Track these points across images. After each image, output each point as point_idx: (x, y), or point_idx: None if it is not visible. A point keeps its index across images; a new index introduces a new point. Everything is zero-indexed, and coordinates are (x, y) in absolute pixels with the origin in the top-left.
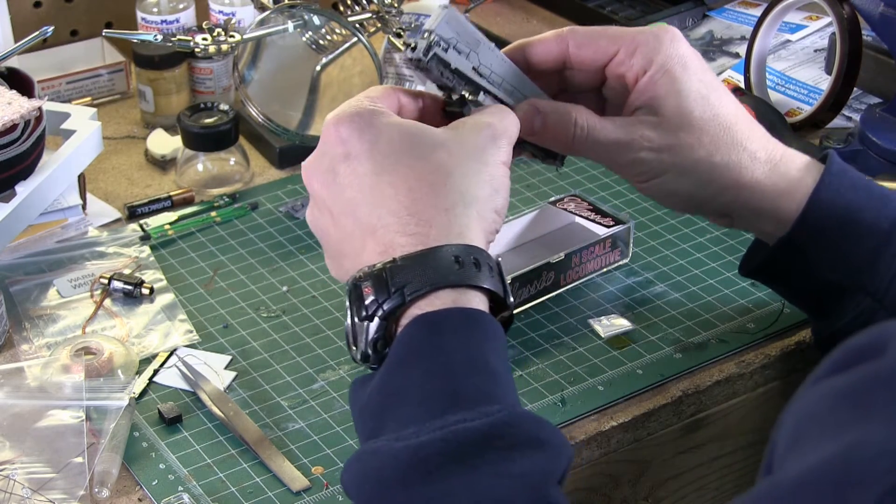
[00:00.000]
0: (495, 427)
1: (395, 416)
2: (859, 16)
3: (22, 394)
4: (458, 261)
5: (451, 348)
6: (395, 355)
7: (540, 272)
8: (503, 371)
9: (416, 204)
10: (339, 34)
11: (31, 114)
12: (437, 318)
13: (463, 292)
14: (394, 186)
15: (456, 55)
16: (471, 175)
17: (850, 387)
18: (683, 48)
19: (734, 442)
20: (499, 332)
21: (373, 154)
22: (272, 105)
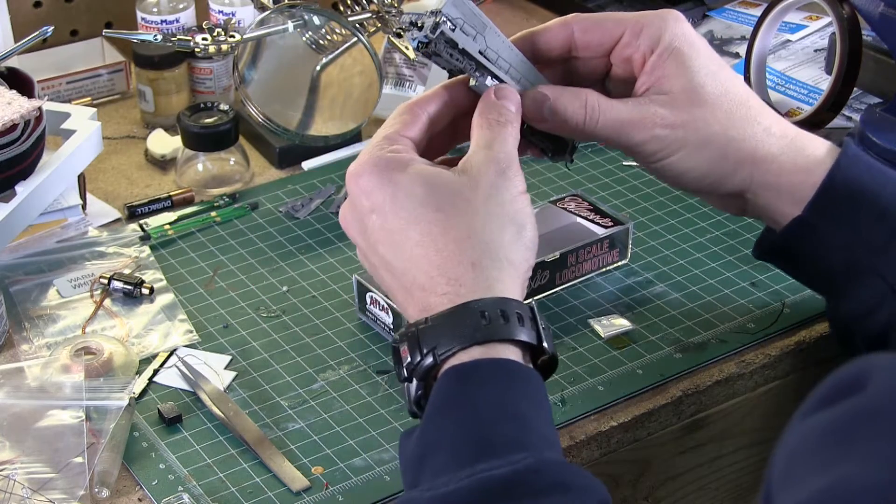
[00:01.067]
0: (520, 474)
1: (430, 467)
2: (859, 16)
3: (22, 394)
4: (485, 316)
5: (479, 397)
6: (431, 407)
7: (534, 271)
8: (536, 416)
9: (445, 262)
10: (339, 34)
11: (31, 114)
12: (466, 368)
13: (492, 347)
14: (421, 246)
15: (463, 36)
16: (492, 220)
17: (833, 423)
18: (688, 28)
19: (734, 442)
20: (532, 379)
21: (395, 209)
22: (272, 105)
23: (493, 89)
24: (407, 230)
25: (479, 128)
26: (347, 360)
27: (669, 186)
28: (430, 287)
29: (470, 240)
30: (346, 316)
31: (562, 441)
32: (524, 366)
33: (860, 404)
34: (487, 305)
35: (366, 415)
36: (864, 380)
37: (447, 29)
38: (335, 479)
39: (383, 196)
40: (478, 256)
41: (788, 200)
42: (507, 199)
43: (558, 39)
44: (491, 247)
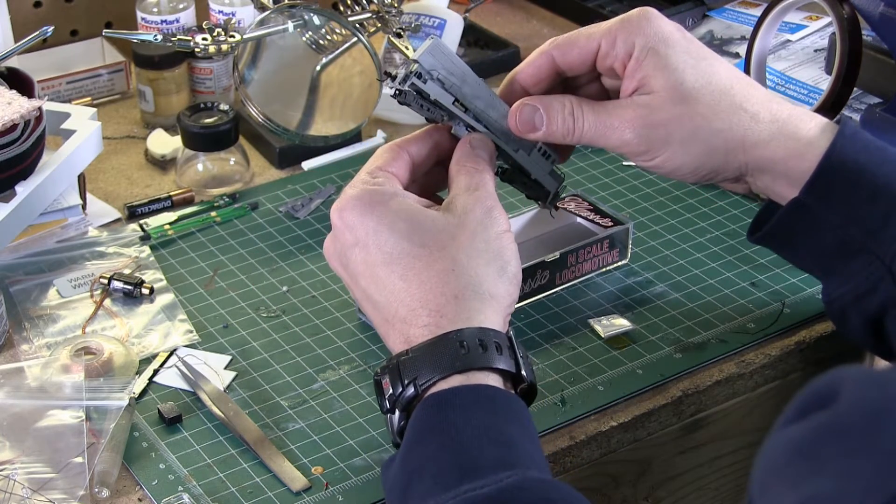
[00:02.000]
0: (504, 492)
1: (416, 493)
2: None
3: (22, 394)
4: (464, 345)
5: (460, 421)
6: (411, 435)
7: (534, 271)
8: (520, 438)
9: (427, 294)
10: (339, 34)
11: (31, 114)
12: (445, 395)
13: (471, 375)
14: (404, 279)
15: (436, 88)
16: (476, 257)
17: (802, 438)
18: (662, 25)
19: (734, 442)
20: (513, 403)
21: (378, 243)
22: (272, 105)
23: (468, 139)
24: (390, 264)
25: (459, 174)
26: (347, 360)
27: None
28: (410, 319)
29: (454, 273)
30: (346, 316)
31: (562, 441)
32: (505, 391)
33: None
34: (466, 336)
35: (366, 415)
36: (835, 393)
37: (417, 81)
38: (335, 479)
39: (366, 230)
40: (461, 289)
41: (784, 183)
42: (492, 237)
43: (543, 70)
44: (474, 280)
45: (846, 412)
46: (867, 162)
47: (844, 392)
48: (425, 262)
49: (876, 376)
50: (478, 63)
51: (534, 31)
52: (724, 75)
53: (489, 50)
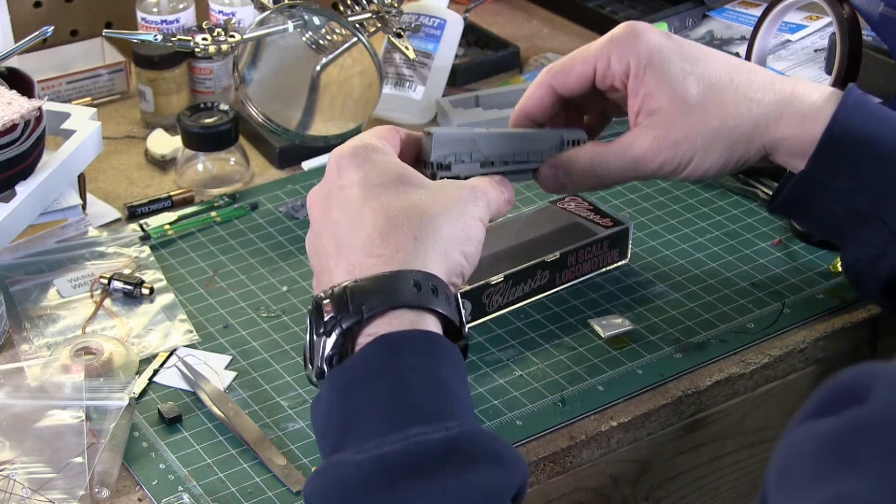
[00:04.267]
0: (456, 440)
1: (356, 431)
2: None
3: (22, 394)
4: (417, 285)
5: (411, 367)
6: (355, 372)
7: (534, 271)
8: (461, 392)
9: (389, 228)
10: (339, 34)
11: (31, 114)
12: (397, 337)
13: (420, 315)
14: (373, 211)
15: (461, 165)
16: (445, 217)
17: (835, 434)
18: (651, 38)
19: (734, 442)
20: (457, 356)
21: (363, 183)
22: (272, 105)
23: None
24: (366, 200)
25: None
26: None
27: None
28: (366, 248)
29: (420, 220)
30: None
31: (562, 441)
32: (451, 343)
33: (862, 416)
34: (421, 277)
35: None
36: (866, 390)
37: (444, 173)
38: None
39: (357, 174)
40: (422, 234)
41: (797, 155)
42: (466, 212)
43: (546, 100)
44: (437, 234)
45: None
46: (871, 131)
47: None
48: (399, 203)
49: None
50: (478, 63)
51: (534, 31)
52: (722, 71)
53: (489, 50)
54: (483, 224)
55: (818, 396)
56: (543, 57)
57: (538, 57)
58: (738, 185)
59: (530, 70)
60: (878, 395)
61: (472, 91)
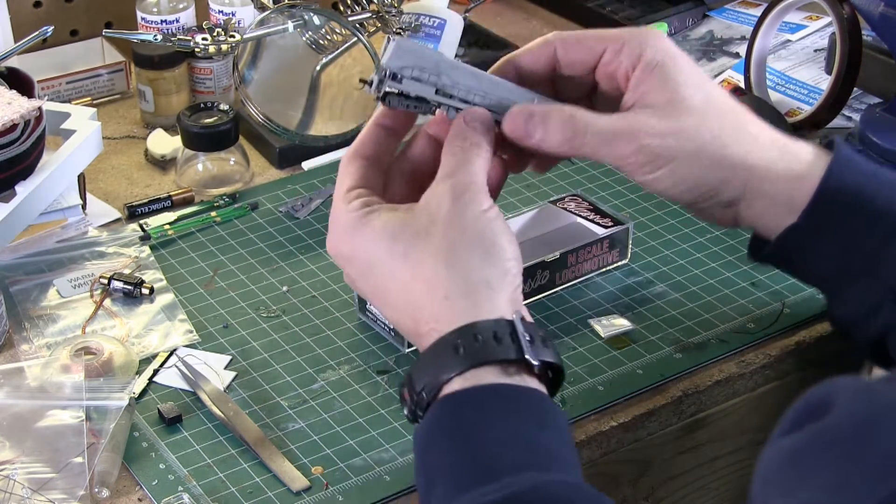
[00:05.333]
0: (507, 499)
1: (436, 496)
2: (859, 16)
3: (22, 394)
4: (456, 347)
5: (475, 422)
6: (427, 432)
7: (534, 271)
8: (542, 437)
9: (420, 303)
10: (339, 34)
11: (31, 114)
12: (460, 395)
13: (475, 373)
14: (399, 293)
15: (414, 83)
16: (455, 249)
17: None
18: (669, 43)
19: (734, 442)
20: (535, 399)
21: (371, 269)
22: (272, 105)
23: (462, 114)
24: (386, 284)
25: (444, 157)
26: (347, 359)
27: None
28: (416, 330)
29: (437, 276)
30: (346, 316)
31: None
32: (523, 387)
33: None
34: (462, 335)
35: (366, 415)
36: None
37: (393, 83)
38: (335, 479)
39: (359, 262)
40: (449, 290)
41: (783, 209)
42: (468, 223)
43: (541, 60)
44: (459, 275)
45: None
46: (864, 185)
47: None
48: (410, 272)
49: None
50: (478, 63)
51: (534, 31)
52: (727, 98)
53: (489, 50)
54: (493, 210)
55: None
56: None
57: None
58: None
59: None
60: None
61: None
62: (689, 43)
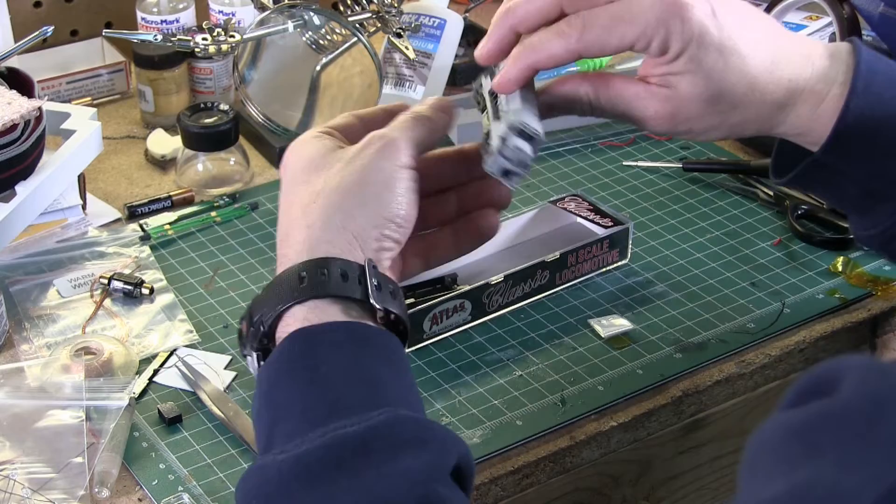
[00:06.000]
0: (375, 429)
1: (281, 431)
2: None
3: (22, 394)
4: (302, 277)
5: (326, 360)
6: (275, 371)
7: (534, 271)
8: (391, 379)
9: (291, 224)
10: (339, 34)
11: (31, 114)
12: (313, 331)
13: (317, 306)
14: (283, 213)
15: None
16: (343, 186)
17: (802, 423)
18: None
19: (734, 442)
20: (385, 341)
21: (286, 177)
22: (272, 105)
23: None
24: (285, 201)
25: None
26: None
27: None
28: (279, 252)
29: (311, 205)
30: None
31: (562, 441)
32: (374, 327)
33: (829, 407)
34: (310, 266)
35: None
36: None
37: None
38: None
39: (284, 175)
40: (313, 220)
41: (806, 141)
42: (368, 167)
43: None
44: (330, 211)
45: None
46: (882, 116)
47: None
48: (298, 197)
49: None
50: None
51: None
52: (751, 68)
53: None
54: (405, 169)
55: (793, 389)
56: None
57: None
58: (738, 185)
59: None
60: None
61: None
62: None
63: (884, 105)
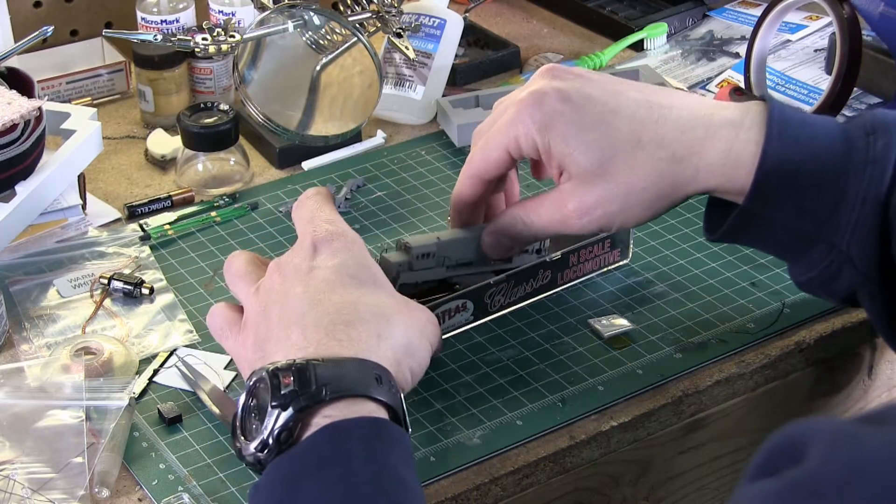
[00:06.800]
0: None
1: None
2: (859, 16)
3: (22, 394)
4: (378, 378)
5: (360, 456)
6: (303, 462)
7: (536, 271)
8: (411, 479)
9: (355, 319)
10: (339, 34)
11: (31, 114)
12: (346, 426)
13: (375, 405)
14: (343, 299)
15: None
16: (405, 329)
17: (773, 497)
18: (549, 107)
19: (734, 442)
20: (404, 442)
21: (337, 270)
22: (272, 105)
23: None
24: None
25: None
26: None
27: None
28: (327, 330)
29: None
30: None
31: (562, 441)
32: (399, 428)
33: (800, 478)
34: (380, 371)
35: None
36: (802, 448)
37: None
38: None
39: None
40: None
41: (730, 195)
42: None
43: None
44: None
45: (817, 471)
46: (801, 158)
47: (814, 448)
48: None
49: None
50: (478, 63)
51: (534, 31)
52: (626, 130)
53: (489, 50)
54: (431, 351)
55: (759, 455)
56: (543, 57)
57: (538, 57)
58: None
59: (530, 70)
60: (813, 453)
61: (472, 91)
62: (690, 43)
63: (799, 148)
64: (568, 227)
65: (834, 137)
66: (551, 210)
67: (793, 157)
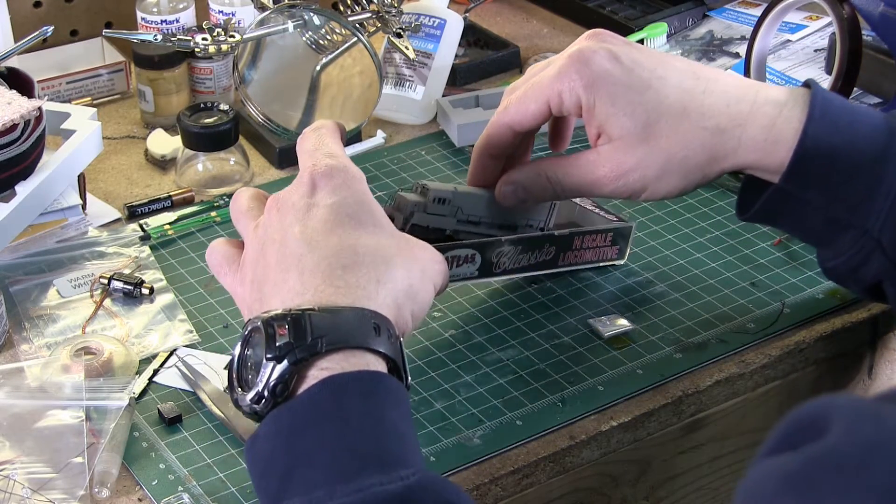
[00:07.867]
0: (411, 490)
1: (302, 478)
2: (859, 16)
3: (22, 394)
4: (376, 328)
5: (359, 411)
6: (302, 414)
7: (542, 243)
8: (410, 435)
9: (353, 263)
10: (339, 34)
11: (31, 114)
12: (345, 379)
13: (373, 357)
14: (340, 241)
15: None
16: (407, 271)
17: (794, 470)
18: (598, 66)
19: (734, 442)
20: (404, 396)
21: (335, 209)
22: (272, 105)
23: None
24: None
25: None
26: None
27: None
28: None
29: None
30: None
31: (562, 441)
32: (398, 383)
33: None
34: (378, 320)
35: None
36: (824, 423)
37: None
38: None
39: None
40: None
41: (765, 173)
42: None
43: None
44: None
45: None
46: (840, 142)
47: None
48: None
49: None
50: (478, 63)
51: (534, 31)
52: (673, 97)
53: (489, 50)
54: (435, 292)
55: (777, 431)
56: (543, 57)
57: (538, 57)
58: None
59: None
60: (835, 428)
61: (472, 91)
62: (689, 43)
63: (840, 132)
64: (598, 190)
65: (876, 126)
66: (584, 170)
67: (832, 140)
